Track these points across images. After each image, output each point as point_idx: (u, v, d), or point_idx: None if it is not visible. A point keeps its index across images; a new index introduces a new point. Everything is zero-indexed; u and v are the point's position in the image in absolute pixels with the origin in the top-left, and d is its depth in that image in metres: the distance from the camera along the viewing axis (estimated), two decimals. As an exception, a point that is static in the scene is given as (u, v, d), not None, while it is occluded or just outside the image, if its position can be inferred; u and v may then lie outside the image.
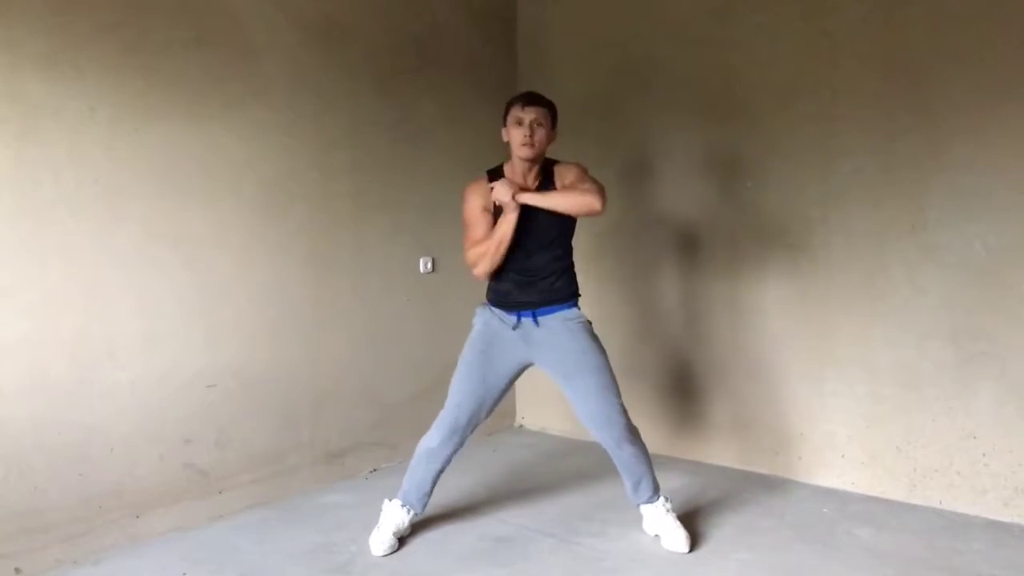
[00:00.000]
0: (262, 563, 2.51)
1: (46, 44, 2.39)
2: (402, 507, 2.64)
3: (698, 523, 2.81)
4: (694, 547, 2.60)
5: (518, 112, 2.50)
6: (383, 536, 2.59)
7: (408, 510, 2.65)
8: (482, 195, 2.54)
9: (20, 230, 2.36)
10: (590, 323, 2.61)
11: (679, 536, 2.58)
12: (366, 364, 3.41)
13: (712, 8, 3.37)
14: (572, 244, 2.64)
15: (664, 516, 2.63)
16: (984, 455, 2.84)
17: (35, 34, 2.37)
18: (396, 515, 2.62)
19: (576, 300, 2.62)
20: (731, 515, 2.90)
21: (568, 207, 2.44)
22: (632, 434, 2.59)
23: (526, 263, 2.54)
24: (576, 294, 2.62)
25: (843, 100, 3.05)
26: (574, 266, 2.65)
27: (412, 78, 3.53)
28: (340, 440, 3.32)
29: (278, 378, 3.07)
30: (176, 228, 2.73)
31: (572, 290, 2.61)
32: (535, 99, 2.53)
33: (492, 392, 2.61)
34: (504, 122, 2.57)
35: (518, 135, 2.49)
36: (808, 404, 3.24)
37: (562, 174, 2.56)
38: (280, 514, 2.92)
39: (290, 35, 3.05)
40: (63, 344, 2.47)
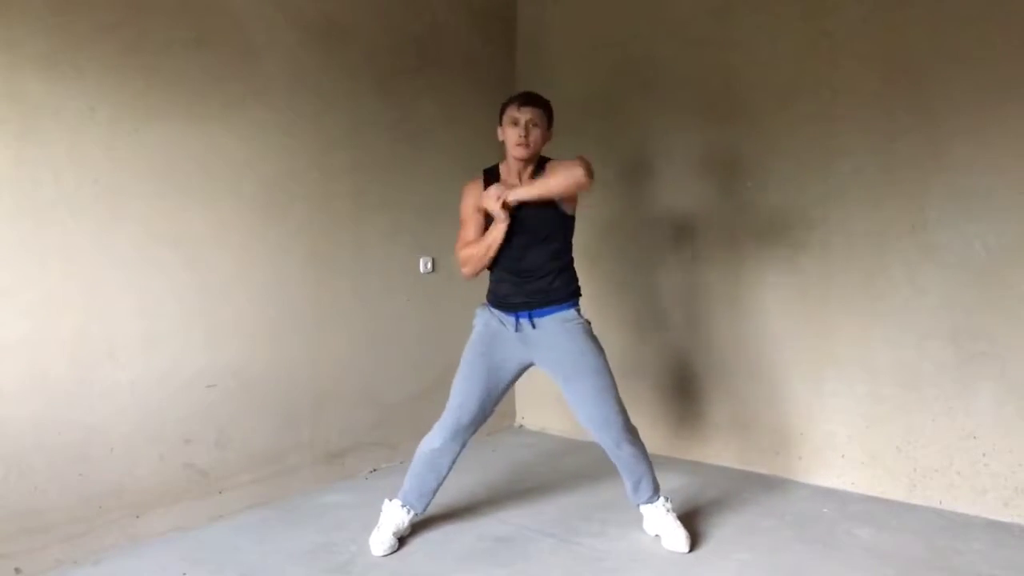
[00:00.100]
0: (262, 563, 2.51)
1: (46, 44, 2.39)
2: (402, 507, 2.64)
3: (698, 523, 2.81)
4: (694, 547, 2.60)
5: (514, 112, 2.50)
6: (383, 536, 2.59)
7: (408, 510, 2.64)
8: (477, 195, 2.56)
9: (20, 230, 2.36)
10: (589, 324, 2.61)
11: (679, 536, 2.59)
12: (366, 364, 3.41)
13: (712, 8, 3.37)
14: (572, 242, 2.63)
15: (664, 516, 2.63)
16: (984, 455, 2.84)
17: (35, 34, 2.37)
18: (396, 515, 2.62)
19: (575, 300, 2.60)
20: (731, 515, 2.90)
21: (556, 188, 2.43)
22: (631, 434, 2.59)
23: (522, 262, 2.53)
24: (575, 294, 2.61)
25: (843, 100, 3.05)
26: (574, 264, 2.64)
27: (412, 78, 3.53)
28: (340, 440, 3.32)
29: (278, 378, 3.07)
30: (176, 228, 2.73)
31: (571, 290, 2.59)
32: (531, 99, 2.52)
33: (493, 393, 2.61)
34: (500, 121, 2.57)
35: (513, 135, 2.50)
36: (808, 404, 3.24)
37: (553, 167, 2.52)
38: (280, 514, 2.92)
39: (290, 35, 3.05)
40: (63, 344, 2.46)
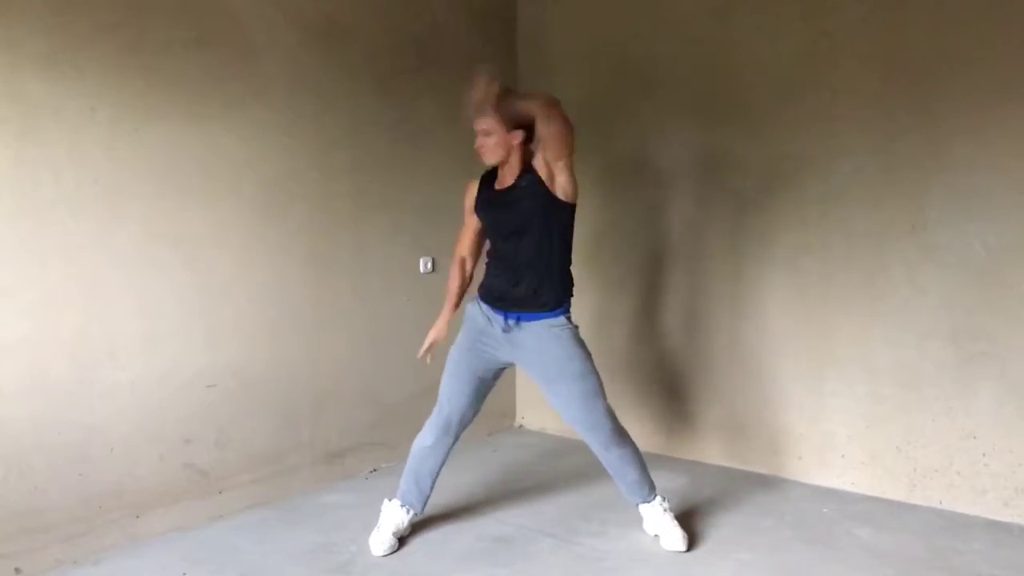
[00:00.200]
0: (262, 563, 2.51)
1: (46, 44, 2.39)
2: (401, 507, 2.64)
3: (698, 523, 2.81)
4: (693, 546, 2.60)
5: (474, 124, 2.53)
6: (383, 536, 2.59)
7: (407, 510, 2.65)
8: (471, 196, 2.67)
9: (20, 230, 2.36)
10: (575, 328, 2.57)
11: (676, 536, 2.59)
12: (366, 364, 3.41)
13: (712, 8, 3.37)
14: (570, 240, 2.58)
15: (661, 516, 2.63)
16: (984, 455, 2.84)
17: (35, 34, 2.37)
18: (395, 515, 2.63)
19: (564, 306, 2.55)
20: (731, 515, 2.90)
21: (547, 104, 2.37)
22: (619, 437, 2.59)
23: (514, 258, 2.52)
24: (565, 298, 2.56)
25: (843, 100, 3.05)
26: (569, 266, 2.59)
27: (412, 78, 3.52)
28: (340, 440, 3.32)
29: (278, 378, 3.07)
30: (176, 228, 2.73)
31: (560, 296, 2.54)
32: (476, 108, 2.51)
33: (482, 387, 2.63)
34: None
35: (477, 142, 2.54)
36: (808, 404, 3.24)
37: (537, 160, 2.48)
38: (280, 514, 2.92)
39: (290, 35, 3.05)
40: (63, 344, 2.47)
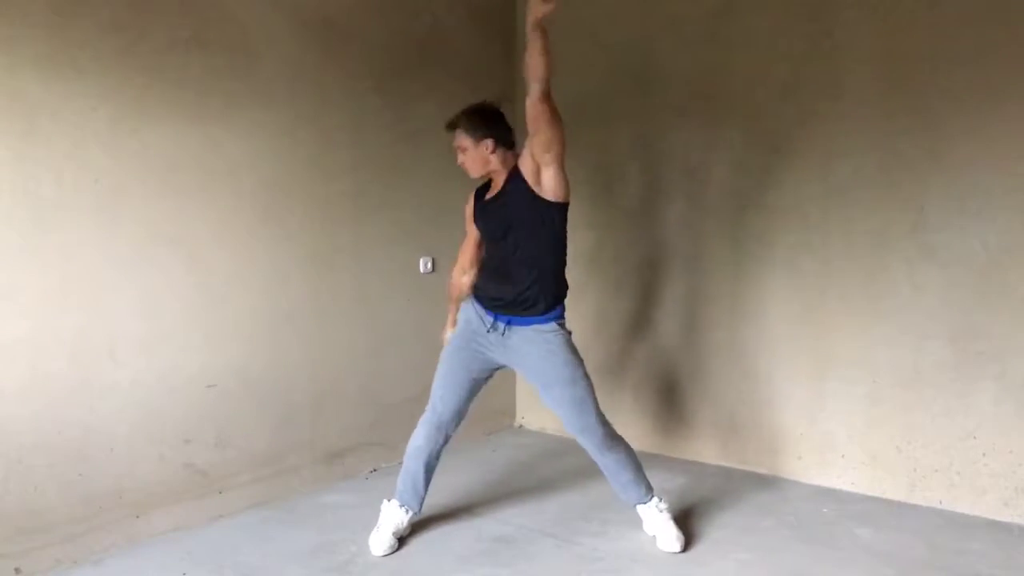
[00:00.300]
0: (262, 563, 2.51)
1: (46, 44, 2.39)
2: (400, 507, 2.64)
3: (697, 523, 2.81)
4: (689, 547, 2.60)
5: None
6: (383, 536, 2.59)
7: (406, 510, 2.65)
8: (470, 206, 2.69)
9: (20, 230, 2.36)
10: (568, 333, 2.55)
11: (672, 536, 2.59)
12: (366, 364, 3.41)
13: (712, 8, 3.37)
14: (564, 241, 2.54)
15: (658, 516, 2.63)
16: (984, 455, 2.84)
17: (35, 34, 2.37)
18: (395, 515, 2.63)
19: (556, 310, 2.53)
20: (731, 515, 2.90)
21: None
22: (613, 441, 2.59)
23: (497, 255, 2.53)
24: (555, 304, 2.52)
25: (843, 100, 3.05)
26: (562, 269, 2.56)
27: (412, 78, 3.53)
28: (340, 440, 3.32)
29: (278, 378, 3.07)
30: (176, 228, 2.73)
31: (549, 302, 2.51)
32: (448, 125, 2.56)
33: (474, 387, 2.65)
34: None
35: None
36: (808, 404, 3.24)
37: (523, 160, 2.46)
38: (280, 514, 2.92)
39: (290, 35, 3.05)
40: (63, 344, 2.47)
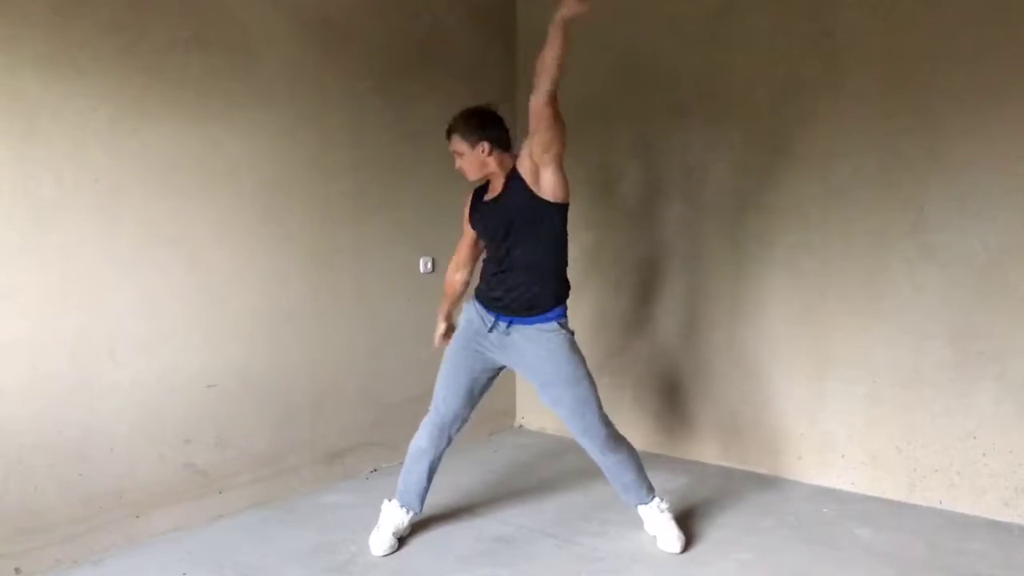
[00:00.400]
0: (262, 563, 2.51)
1: (46, 44, 2.39)
2: (400, 507, 2.64)
3: (697, 523, 2.81)
4: (690, 547, 2.60)
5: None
6: (383, 536, 2.59)
7: (407, 510, 2.65)
8: (468, 207, 2.70)
9: (20, 230, 2.36)
10: (570, 333, 2.55)
11: (672, 536, 2.59)
12: (366, 364, 3.41)
13: (712, 8, 3.37)
14: (565, 241, 2.55)
15: (659, 517, 2.63)
16: (984, 455, 2.84)
17: (35, 34, 2.37)
18: (395, 515, 2.63)
19: (558, 309, 2.52)
20: (731, 515, 2.90)
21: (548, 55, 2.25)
22: (614, 442, 2.58)
23: (507, 260, 2.51)
24: (556, 304, 2.52)
25: (843, 100, 3.05)
26: (563, 269, 2.57)
27: (412, 78, 3.53)
28: (340, 440, 3.32)
29: (278, 378, 3.07)
30: (176, 228, 2.73)
31: (553, 299, 2.51)
32: (446, 131, 2.57)
33: (476, 388, 2.63)
34: None
35: None
36: (808, 404, 3.24)
37: (521, 161, 2.46)
38: (280, 514, 2.92)
39: (290, 35, 3.05)
40: (63, 344, 2.47)
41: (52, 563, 2.45)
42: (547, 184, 2.43)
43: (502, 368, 2.66)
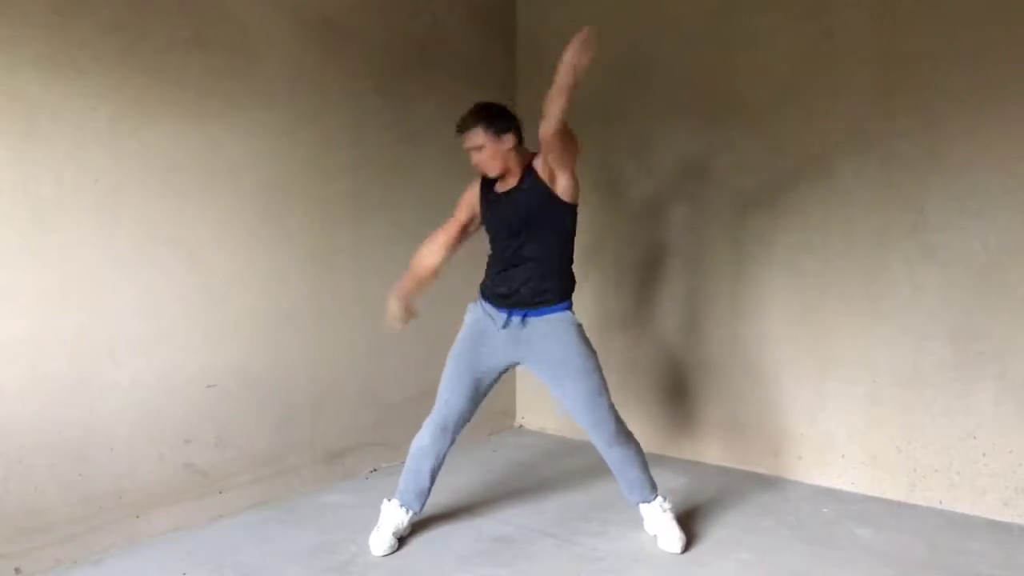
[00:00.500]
0: (262, 563, 2.51)
1: (46, 44, 2.39)
2: (400, 507, 2.64)
3: (698, 523, 2.81)
4: (690, 547, 2.60)
5: (463, 144, 2.54)
6: (383, 536, 2.59)
7: (407, 510, 2.65)
8: (473, 194, 2.66)
9: (20, 230, 2.36)
10: (580, 325, 2.58)
11: (674, 536, 2.59)
12: (366, 364, 3.41)
13: (712, 8, 3.37)
14: (573, 239, 2.59)
15: (661, 516, 2.63)
16: (984, 455, 2.84)
17: (35, 34, 2.37)
18: (395, 515, 2.63)
19: (567, 301, 2.58)
20: (731, 515, 2.90)
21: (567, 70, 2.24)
22: (622, 436, 2.59)
23: (517, 254, 2.52)
24: (569, 291, 2.59)
25: (843, 100, 3.05)
26: (570, 264, 2.62)
27: (412, 78, 3.53)
28: (340, 440, 3.32)
29: (278, 378, 3.07)
30: (176, 228, 2.73)
31: (563, 292, 2.57)
32: (459, 127, 2.53)
33: (480, 388, 2.64)
34: None
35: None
36: (808, 404, 3.24)
37: (538, 159, 2.49)
38: (280, 514, 2.92)
39: (290, 35, 3.05)
40: (63, 344, 2.46)
41: (52, 563, 2.45)
42: (563, 186, 2.48)
43: (508, 368, 2.67)
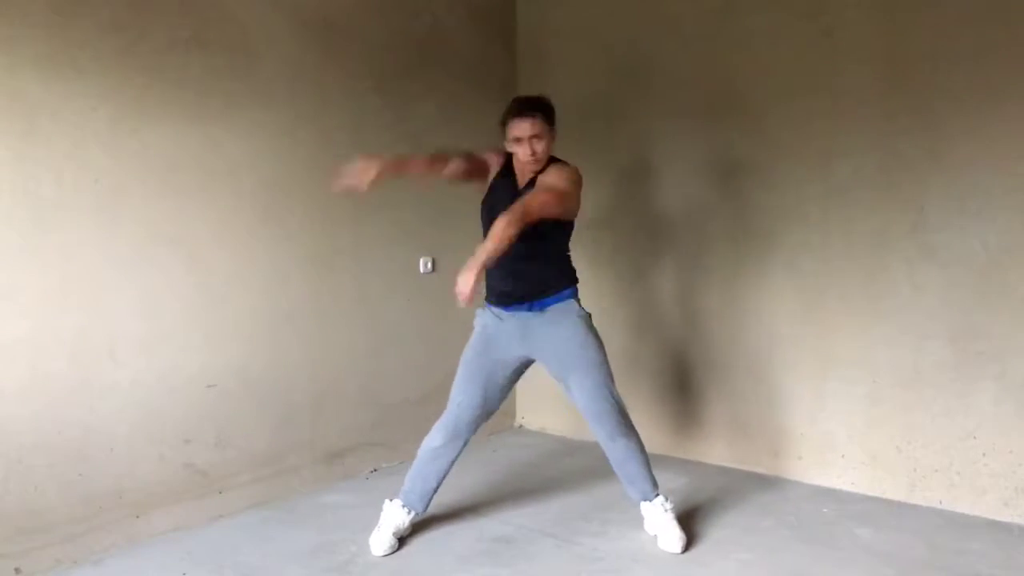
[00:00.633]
0: (262, 563, 2.51)
1: (46, 44, 2.39)
2: (402, 507, 2.64)
3: (698, 523, 2.81)
4: (691, 547, 2.60)
5: (515, 130, 2.45)
6: (383, 536, 2.59)
7: (408, 511, 2.65)
8: (493, 158, 2.63)
9: (20, 230, 2.36)
10: (589, 316, 2.62)
11: (673, 536, 2.59)
12: (366, 364, 3.41)
13: (712, 8, 3.37)
14: (570, 233, 2.62)
15: (661, 516, 2.63)
16: (984, 455, 2.84)
17: (35, 34, 2.37)
18: (396, 515, 2.63)
19: (573, 288, 2.61)
20: (731, 515, 2.90)
21: (507, 234, 2.25)
22: (625, 428, 2.60)
23: (515, 254, 2.46)
24: (572, 281, 2.62)
25: (843, 100, 3.05)
26: (568, 253, 2.64)
27: (412, 78, 3.53)
28: (340, 440, 3.32)
29: (278, 378, 3.07)
30: (176, 228, 2.73)
31: (566, 279, 2.60)
32: (529, 110, 2.44)
33: (493, 392, 2.63)
34: (503, 130, 2.53)
35: (520, 151, 2.47)
36: (808, 404, 3.24)
37: (542, 177, 2.49)
38: (280, 514, 2.92)
39: (290, 35, 3.05)
40: (63, 344, 2.47)
41: (52, 563, 2.45)
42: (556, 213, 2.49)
43: (520, 370, 2.67)
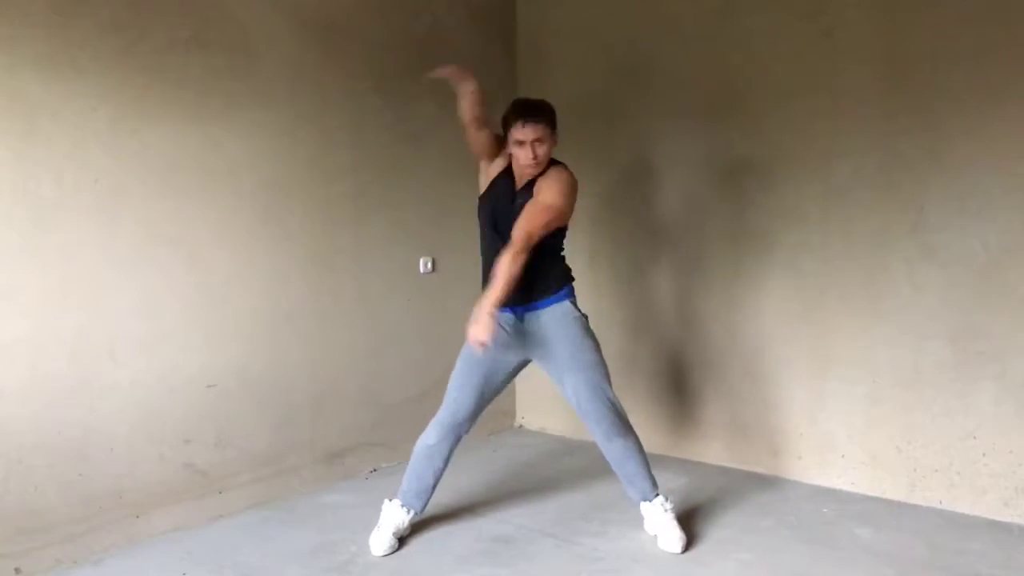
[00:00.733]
0: (262, 563, 2.51)
1: (46, 44, 2.40)
2: (402, 507, 2.64)
3: (698, 523, 2.81)
4: (691, 547, 2.60)
5: (518, 133, 2.47)
6: (383, 536, 2.59)
7: (408, 510, 2.65)
8: (502, 159, 2.65)
9: (20, 230, 2.36)
10: (586, 317, 2.62)
11: (673, 536, 2.58)
12: (366, 364, 3.41)
13: (712, 8, 3.37)
14: (565, 235, 2.63)
15: (661, 516, 2.63)
16: (984, 455, 2.84)
17: (35, 34, 2.37)
18: (396, 515, 2.63)
19: (568, 287, 2.61)
20: (731, 515, 2.90)
21: (512, 272, 2.37)
22: (623, 428, 2.60)
23: (497, 246, 2.51)
24: (568, 280, 2.63)
25: (843, 100, 3.05)
26: (563, 250, 2.64)
27: (412, 78, 3.52)
28: (340, 440, 3.32)
29: (278, 378, 3.07)
30: (176, 228, 2.73)
31: (562, 281, 2.61)
32: (532, 115, 2.47)
33: (489, 390, 2.64)
34: (504, 132, 2.54)
35: (521, 155, 2.49)
36: (808, 404, 3.24)
37: (540, 182, 2.52)
38: (280, 514, 2.92)
39: (290, 35, 3.05)
40: (63, 344, 2.47)
41: (52, 563, 2.45)
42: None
43: (517, 368, 2.68)
